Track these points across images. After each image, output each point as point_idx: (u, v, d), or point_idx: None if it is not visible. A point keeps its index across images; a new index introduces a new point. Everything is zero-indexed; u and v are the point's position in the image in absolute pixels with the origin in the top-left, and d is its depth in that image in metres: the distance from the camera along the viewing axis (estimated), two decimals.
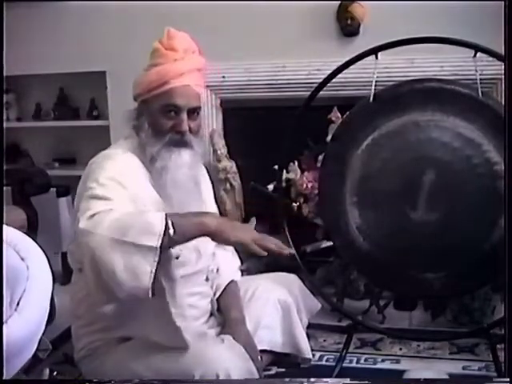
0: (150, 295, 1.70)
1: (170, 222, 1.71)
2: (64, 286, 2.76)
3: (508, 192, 1.82)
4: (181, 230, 1.74)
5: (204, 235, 1.80)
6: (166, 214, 1.74)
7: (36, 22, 3.53)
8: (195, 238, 1.81)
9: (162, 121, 1.98)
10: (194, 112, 2.00)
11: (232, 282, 2.25)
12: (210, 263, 2.20)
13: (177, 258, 1.91)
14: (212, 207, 2.25)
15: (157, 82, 1.97)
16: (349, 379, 1.60)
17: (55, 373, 1.00)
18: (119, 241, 1.68)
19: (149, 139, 1.99)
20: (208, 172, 2.32)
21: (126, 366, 1.95)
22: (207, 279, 2.18)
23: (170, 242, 1.72)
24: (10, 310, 0.83)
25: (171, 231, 1.71)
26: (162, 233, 1.69)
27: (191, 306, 2.08)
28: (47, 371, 0.94)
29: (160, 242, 1.69)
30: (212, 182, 2.34)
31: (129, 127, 2.08)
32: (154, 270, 1.68)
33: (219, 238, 1.82)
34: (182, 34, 2.04)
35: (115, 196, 1.82)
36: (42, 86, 3.84)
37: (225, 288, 2.23)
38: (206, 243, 2.13)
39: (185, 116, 1.97)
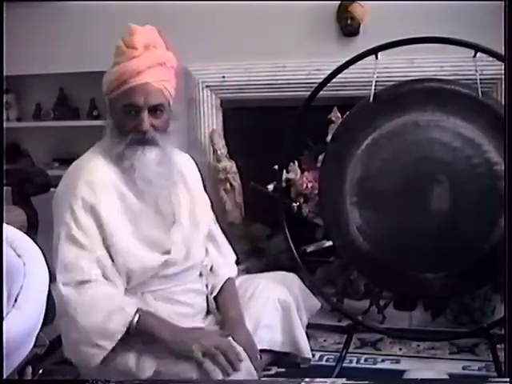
0: None
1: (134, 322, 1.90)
2: None
3: (508, 192, 1.82)
4: (144, 329, 1.93)
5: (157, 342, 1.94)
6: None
7: (36, 22, 3.53)
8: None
9: (124, 121, 1.97)
10: (156, 110, 1.97)
11: (229, 279, 2.25)
12: (203, 258, 2.19)
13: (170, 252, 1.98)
14: (202, 202, 2.23)
15: (116, 82, 1.96)
16: (352, 380, 1.61)
17: (41, 371, 1.00)
18: (85, 331, 1.88)
19: (114, 139, 2.00)
20: (198, 168, 2.31)
21: (124, 367, 1.95)
22: (201, 275, 2.18)
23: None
24: (7, 307, 0.83)
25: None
26: (118, 338, 1.90)
27: (185, 304, 2.08)
28: (30, 369, 0.94)
29: (112, 345, 1.90)
30: (203, 178, 2.32)
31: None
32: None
33: (171, 350, 1.93)
34: (143, 29, 1.99)
35: (91, 242, 1.92)
36: (42, 86, 3.83)
37: (222, 286, 2.22)
38: (196, 237, 2.13)
39: (145, 115, 1.95)
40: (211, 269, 2.23)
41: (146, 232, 2.00)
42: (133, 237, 1.98)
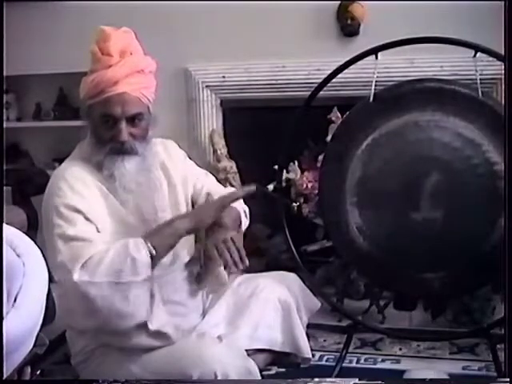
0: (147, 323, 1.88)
1: (150, 247, 1.85)
2: None
3: (508, 192, 1.82)
4: (162, 247, 1.89)
5: (183, 236, 1.95)
6: (144, 240, 1.86)
7: (36, 22, 3.53)
8: (177, 243, 1.95)
9: (101, 130, 1.94)
10: (134, 118, 1.93)
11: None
12: (193, 253, 2.16)
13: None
14: (185, 187, 2.17)
15: (93, 91, 1.91)
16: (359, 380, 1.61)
17: (38, 371, 1.00)
18: (116, 283, 1.81)
19: (92, 148, 1.97)
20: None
21: (122, 367, 1.95)
22: (192, 272, 2.16)
23: (156, 261, 1.87)
24: (7, 307, 0.83)
25: (153, 252, 1.85)
26: (150, 261, 1.84)
27: (178, 303, 2.07)
28: (28, 369, 0.94)
29: (150, 270, 1.84)
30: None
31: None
32: (149, 298, 1.86)
33: (200, 230, 1.98)
34: (118, 33, 1.94)
35: (85, 231, 1.89)
36: (42, 86, 3.83)
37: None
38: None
39: (123, 125, 1.91)
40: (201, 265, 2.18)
41: (130, 235, 1.97)
42: (118, 236, 1.95)
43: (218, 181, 3.20)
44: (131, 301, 1.83)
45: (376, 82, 2.32)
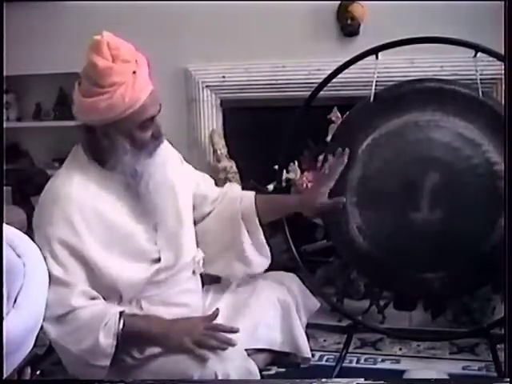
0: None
1: (119, 332, 1.84)
2: None
3: (508, 192, 1.82)
4: (130, 330, 1.87)
5: (149, 341, 1.92)
6: (117, 326, 1.84)
7: (36, 22, 3.53)
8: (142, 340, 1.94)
9: (141, 135, 1.90)
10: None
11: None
12: (195, 254, 2.15)
13: (159, 259, 2.00)
14: (183, 185, 2.14)
15: (128, 104, 1.83)
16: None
17: (38, 371, 1.01)
18: (79, 356, 1.85)
19: (132, 157, 1.91)
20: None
21: (122, 368, 1.94)
22: (194, 273, 2.15)
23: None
24: (7, 307, 0.83)
25: (119, 337, 1.85)
26: (112, 354, 1.84)
27: (181, 305, 2.07)
28: (29, 370, 0.94)
29: (109, 361, 1.84)
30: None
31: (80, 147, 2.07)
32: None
33: (164, 345, 1.91)
34: (116, 38, 1.87)
35: (70, 276, 1.86)
36: (42, 86, 3.83)
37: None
38: (182, 235, 2.10)
39: (158, 119, 1.91)
40: (202, 263, 2.19)
41: (131, 247, 1.96)
42: (119, 257, 1.94)
43: (218, 181, 3.23)
44: (87, 372, 1.87)
45: (376, 82, 2.32)
